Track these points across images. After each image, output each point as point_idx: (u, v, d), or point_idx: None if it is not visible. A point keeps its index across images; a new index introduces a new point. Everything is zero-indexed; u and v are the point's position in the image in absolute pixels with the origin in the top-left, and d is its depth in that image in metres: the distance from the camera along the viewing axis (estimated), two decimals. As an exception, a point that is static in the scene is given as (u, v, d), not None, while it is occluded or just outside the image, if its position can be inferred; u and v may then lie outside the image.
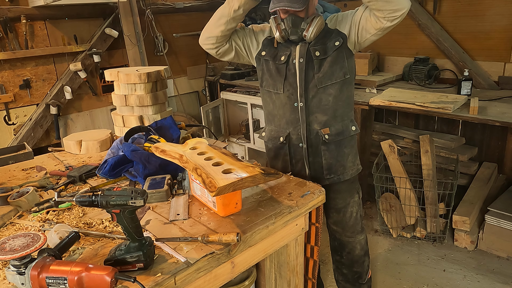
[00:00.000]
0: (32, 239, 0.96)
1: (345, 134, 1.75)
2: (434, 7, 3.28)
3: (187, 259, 1.07)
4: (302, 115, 1.72)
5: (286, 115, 1.76)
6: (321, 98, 1.69)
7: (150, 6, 3.71)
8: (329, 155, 1.76)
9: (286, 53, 1.69)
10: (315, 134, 1.73)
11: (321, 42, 1.65)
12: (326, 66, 1.65)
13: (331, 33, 1.67)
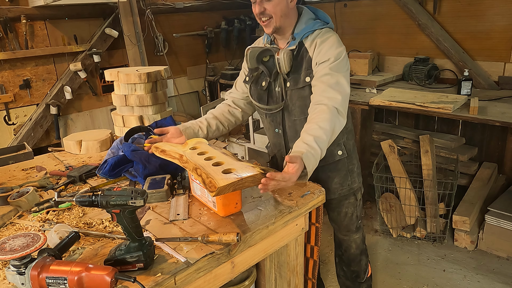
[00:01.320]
0: (32, 239, 0.96)
1: (329, 160, 1.68)
2: (434, 7, 3.28)
3: (187, 259, 1.07)
4: (282, 140, 1.72)
5: (271, 138, 1.79)
6: (297, 129, 1.61)
7: (150, 6, 3.71)
8: (312, 179, 1.61)
9: (266, 79, 1.64)
10: None
11: (295, 69, 1.56)
12: (297, 99, 1.58)
13: (305, 61, 1.55)
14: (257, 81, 1.67)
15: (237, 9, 4.58)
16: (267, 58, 1.62)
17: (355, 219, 1.89)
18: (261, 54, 1.61)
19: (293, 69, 1.55)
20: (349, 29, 3.98)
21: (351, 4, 3.91)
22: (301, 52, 1.55)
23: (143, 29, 3.70)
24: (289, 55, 1.51)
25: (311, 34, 1.54)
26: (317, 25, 1.55)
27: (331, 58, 1.47)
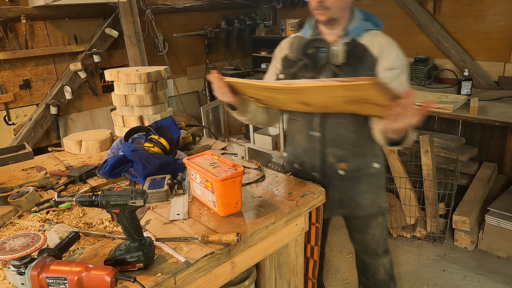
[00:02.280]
0: (32, 239, 0.96)
1: (364, 172, 1.58)
2: (434, 7, 3.28)
3: (187, 259, 1.07)
4: (318, 145, 1.55)
5: (302, 142, 1.61)
6: (340, 133, 1.51)
7: (150, 6, 3.71)
8: (342, 190, 1.60)
9: (307, 75, 1.50)
10: (329, 166, 1.58)
11: (354, 67, 1.43)
12: None
13: (366, 60, 1.43)
14: (295, 76, 1.52)
15: (237, 9, 4.58)
16: (312, 50, 1.48)
17: (383, 241, 1.75)
18: (307, 45, 1.46)
19: (346, 64, 1.42)
20: (349, 29, 3.98)
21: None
22: (359, 49, 1.44)
23: (143, 29, 3.70)
24: (345, 47, 1.39)
25: (367, 33, 1.45)
26: (371, 25, 1.47)
27: (400, 67, 1.41)
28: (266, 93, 1.38)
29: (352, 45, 1.43)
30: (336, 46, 1.37)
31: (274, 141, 3.83)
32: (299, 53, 1.46)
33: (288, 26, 4.08)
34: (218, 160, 1.38)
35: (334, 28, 1.47)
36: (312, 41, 1.47)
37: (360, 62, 1.42)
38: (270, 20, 4.67)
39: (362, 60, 1.42)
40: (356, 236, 1.76)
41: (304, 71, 1.50)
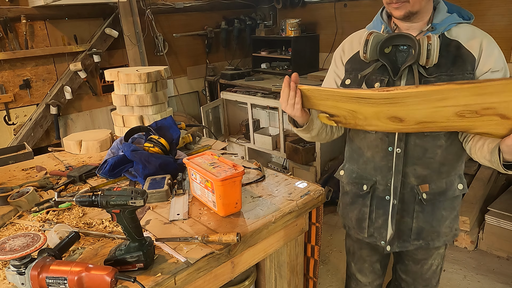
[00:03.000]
0: (32, 239, 0.96)
1: (448, 195, 1.34)
2: (434, 7, 3.28)
3: (187, 259, 1.07)
4: (398, 163, 1.30)
5: (376, 159, 1.35)
6: (426, 149, 1.28)
7: (150, 6, 3.71)
8: (422, 217, 1.36)
9: (383, 78, 1.24)
10: (409, 189, 1.33)
11: (446, 69, 1.18)
12: None
13: (465, 61, 1.18)
14: (367, 82, 1.27)
15: (237, 9, 4.58)
16: (389, 49, 1.24)
17: (439, 271, 1.54)
18: (386, 42, 1.22)
19: (435, 64, 1.17)
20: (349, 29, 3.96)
21: (351, 4, 3.90)
22: (452, 46, 1.19)
23: (143, 29, 3.70)
24: (439, 47, 1.13)
25: (457, 28, 1.22)
26: (461, 18, 1.25)
27: (504, 69, 1.19)
28: (348, 106, 1.13)
29: (442, 42, 1.18)
30: (431, 41, 1.11)
31: (274, 141, 3.83)
32: (374, 53, 1.21)
33: (288, 26, 4.08)
34: (218, 160, 1.38)
35: (413, 21, 1.22)
36: (394, 37, 1.21)
37: (455, 62, 1.17)
38: (270, 20, 4.67)
39: (457, 60, 1.17)
40: (411, 267, 1.51)
41: (379, 74, 1.25)
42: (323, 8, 4.18)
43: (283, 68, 4.30)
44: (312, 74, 3.93)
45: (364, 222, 1.44)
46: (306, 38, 4.17)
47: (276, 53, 4.37)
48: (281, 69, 4.30)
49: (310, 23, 4.32)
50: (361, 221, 1.45)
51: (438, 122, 1.05)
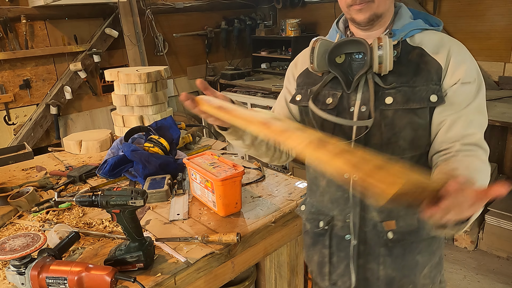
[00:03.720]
0: (32, 239, 0.96)
1: (422, 234, 1.06)
2: (434, 7, 3.28)
3: (187, 259, 1.07)
4: (355, 193, 1.06)
5: (331, 189, 1.10)
6: None
7: (150, 6, 3.71)
8: (391, 263, 1.07)
9: (336, 93, 1.05)
10: (371, 226, 1.06)
11: (408, 79, 0.99)
12: (406, 125, 0.98)
13: (429, 70, 0.99)
14: (318, 97, 1.08)
15: (237, 9, 4.58)
16: (342, 58, 1.06)
17: None
18: (335, 50, 1.04)
19: (395, 73, 0.99)
20: (349, 29, 3.98)
21: (351, 4, 3.90)
22: (414, 54, 1.01)
23: (143, 29, 3.70)
24: (392, 50, 0.96)
25: (421, 34, 1.05)
26: (426, 25, 1.08)
27: (477, 80, 0.99)
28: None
29: (403, 49, 1.01)
30: (382, 44, 0.95)
31: (274, 141, 3.82)
32: (323, 64, 1.03)
33: (288, 26, 4.08)
34: (218, 160, 1.38)
35: (373, 29, 1.04)
36: (342, 44, 1.04)
37: (418, 71, 0.99)
38: (270, 20, 4.67)
39: (420, 69, 0.99)
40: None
41: (332, 88, 1.06)
42: (323, 8, 4.18)
43: (283, 68, 4.30)
44: (312, 74, 3.93)
45: (325, 267, 1.16)
46: (306, 38, 4.17)
47: (276, 53, 4.37)
48: (281, 69, 4.30)
49: (310, 23, 4.32)
50: (321, 266, 1.18)
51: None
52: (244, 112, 0.92)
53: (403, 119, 0.98)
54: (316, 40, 1.04)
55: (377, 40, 0.96)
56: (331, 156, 0.73)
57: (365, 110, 1.00)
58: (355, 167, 0.70)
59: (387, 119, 0.99)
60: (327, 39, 1.07)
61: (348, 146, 0.77)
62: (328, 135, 0.83)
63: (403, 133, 0.99)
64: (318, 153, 0.76)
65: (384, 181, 0.66)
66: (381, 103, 0.99)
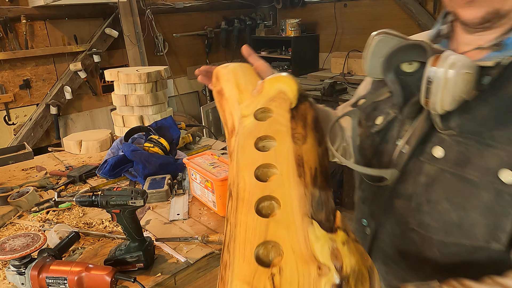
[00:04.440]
0: (32, 239, 0.96)
1: None
2: (434, 7, 3.28)
3: (187, 259, 1.07)
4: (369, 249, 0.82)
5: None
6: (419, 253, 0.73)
7: (150, 6, 3.71)
8: None
9: (389, 112, 0.79)
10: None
11: (484, 127, 0.63)
12: (448, 198, 0.67)
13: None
14: (370, 112, 0.83)
15: (237, 9, 4.58)
16: (413, 66, 0.74)
17: None
18: (401, 53, 0.74)
19: (466, 115, 0.65)
20: (349, 29, 3.98)
21: (351, 4, 3.90)
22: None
23: (143, 29, 3.70)
24: (467, 78, 0.62)
25: None
26: None
27: None
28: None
29: (505, 76, 0.63)
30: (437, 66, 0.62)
31: (274, 141, 3.83)
32: (376, 68, 0.76)
33: (288, 26, 4.08)
34: (218, 160, 1.38)
35: (484, 32, 0.68)
36: (405, 48, 0.73)
37: (507, 120, 0.62)
38: (270, 20, 4.67)
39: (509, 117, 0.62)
40: None
41: (388, 104, 0.79)
42: (323, 8, 4.18)
43: (283, 68, 4.31)
44: (312, 74, 3.93)
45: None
46: (306, 38, 4.17)
47: (276, 53, 4.37)
48: (281, 69, 4.31)
49: (310, 23, 4.32)
50: None
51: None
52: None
53: (450, 187, 0.65)
54: (377, 34, 0.75)
55: (433, 60, 0.62)
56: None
57: (406, 151, 0.72)
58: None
59: (426, 178, 0.68)
60: (394, 34, 0.76)
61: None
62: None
63: (445, 207, 0.66)
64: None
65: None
66: (425, 152, 0.68)
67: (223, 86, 0.75)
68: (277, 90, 0.69)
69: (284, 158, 0.62)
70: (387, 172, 0.71)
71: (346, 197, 3.17)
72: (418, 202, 0.70)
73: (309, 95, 0.77)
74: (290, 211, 0.57)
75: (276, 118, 0.67)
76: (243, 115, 0.69)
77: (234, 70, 0.76)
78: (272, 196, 0.59)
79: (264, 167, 0.63)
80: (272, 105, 0.68)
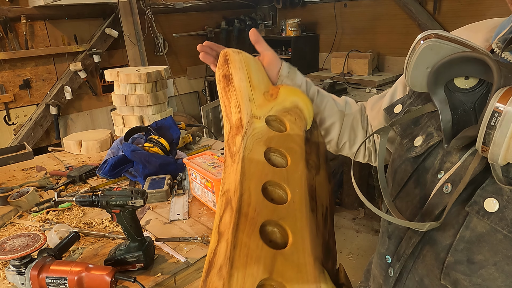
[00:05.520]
0: (32, 239, 0.96)
1: None
2: (434, 7, 3.28)
3: (187, 259, 1.07)
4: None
5: (376, 279, 0.76)
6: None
7: (150, 6, 3.71)
8: None
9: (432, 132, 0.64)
10: None
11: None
12: (499, 267, 0.53)
13: None
14: (408, 128, 0.69)
15: (237, 9, 4.58)
16: (470, 81, 0.57)
17: None
18: (456, 64, 0.56)
19: None
20: (349, 29, 3.98)
21: (351, 4, 3.90)
22: None
23: (143, 29, 3.70)
24: None
25: None
26: None
27: None
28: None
29: None
30: (498, 115, 0.46)
31: (274, 141, 3.83)
32: (419, 80, 0.60)
33: (288, 26, 4.08)
34: (218, 160, 1.38)
35: None
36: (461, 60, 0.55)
37: None
38: (270, 20, 4.67)
39: None
40: None
41: (433, 123, 0.64)
42: (323, 8, 4.18)
43: (283, 68, 4.30)
44: (312, 74, 3.93)
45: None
46: (306, 38, 4.17)
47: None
48: (281, 69, 4.30)
49: (310, 23, 4.32)
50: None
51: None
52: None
53: (502, 251, 0.52)
54: (425, 37, 0.57)
55: (502, 94, 0.46)
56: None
57: (448, 192, 0.58)
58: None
59: (471, 233, 0.55)
60: (451, 39, 0.55)
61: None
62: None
63: (491, 272, 0.54)
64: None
65: None
66: (474, 201, 0.54)
67: (233, 72, 0.66)
68: (293, 104, 0.63)
69: (297, 183, 0.53)
70: (424, 225, 0.55)
71: (346, 197, 3.17)
72: (457, 259, 0.56)
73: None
74: (301, 249, 0.47)
75: (290, 134, 0.59)
76: (255, 115, 0.61)
77: (247, 61, 0.69)
78: (280, 224, 0.49)
79: (272, 185, 0.54)
80: (287, 118, 0.61)
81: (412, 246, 0.63)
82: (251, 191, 0.52)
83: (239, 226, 0.50)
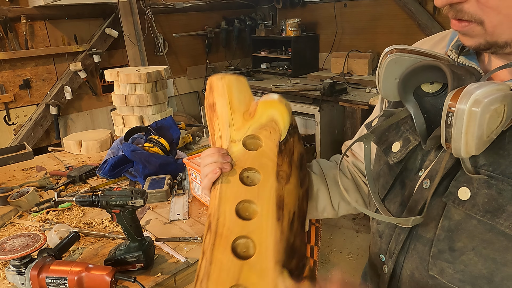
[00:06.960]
0: (32, 239, 0.96)
1: None
2: (434, 7, 3.28)
3: (187, 259, 1.07)
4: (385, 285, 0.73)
5: (373, 279, 0.79)
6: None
7: (150, 6, 3.71)
8: None
9: (409, 137, 0.67)
10: None
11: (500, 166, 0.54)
12: (479, 252, 0.57)
13: None
14: (384, 136, 0.72)
15: (237, 9, 4.58)
16: (434, 86, 0.64)
17: None
18: (419, 73, 0.63)
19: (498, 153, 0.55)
20: (349, 29, 3.98)
21: (351, 4, 3.90)
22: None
23: (143, 29, 3.70)
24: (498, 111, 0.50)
25: None
26: None
27: None
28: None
29: None
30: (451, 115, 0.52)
31: (274, 141, 3.82)
32: (394, 89, 0.65)
33: (288, 26, 4.08)
34: (218, 160, 1.38)
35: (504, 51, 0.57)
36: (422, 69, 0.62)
37: None
38: (270, 20, 4.67)
39: None
40: None
41: (408, 129, 0.68)
42: (323, 8, 4.18)
43: (283, 68, 4.31)
44: (312, 74, 3.93)
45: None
46: (306, 38, 4.17)
47: (276, 53, 4.37)
48: (281, 69, 4.31)
49: (310, 23, 4.32)
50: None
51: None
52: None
53: (478, 236, 0.57)
54: (389, 51, 0.64)
55: (452, 96, 0.52)
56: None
57: (427, 187, 0.63)
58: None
59: (449, 222, 0.59)
60: (412, 51, 0.63)
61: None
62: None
63: (471, 257, 0.58)
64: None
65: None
66: (450, 192, 0.59)
67: (216, 100, 0.73)
68: (268, 118, 0.69)
69: (266, 197, 0.63)
70: (408, 221, 0.60)
71: (346, 197, 3.16)
72: (440, 248, 0.61)
73: (297, 126, 0.74)
74: (264, 257, 0.59)
75: (264, 150, 0.67)
76: (232, 139, 0.69)
77: (229, 85, 0.73)
78: (249, 237, 0.61)
79: (245, 202, 0.64)
80: (262, 134, 0.68)
81: (401, 242, 0.68)
82: (226, 214, 0.63)
83: (215, 245, 0.60)
